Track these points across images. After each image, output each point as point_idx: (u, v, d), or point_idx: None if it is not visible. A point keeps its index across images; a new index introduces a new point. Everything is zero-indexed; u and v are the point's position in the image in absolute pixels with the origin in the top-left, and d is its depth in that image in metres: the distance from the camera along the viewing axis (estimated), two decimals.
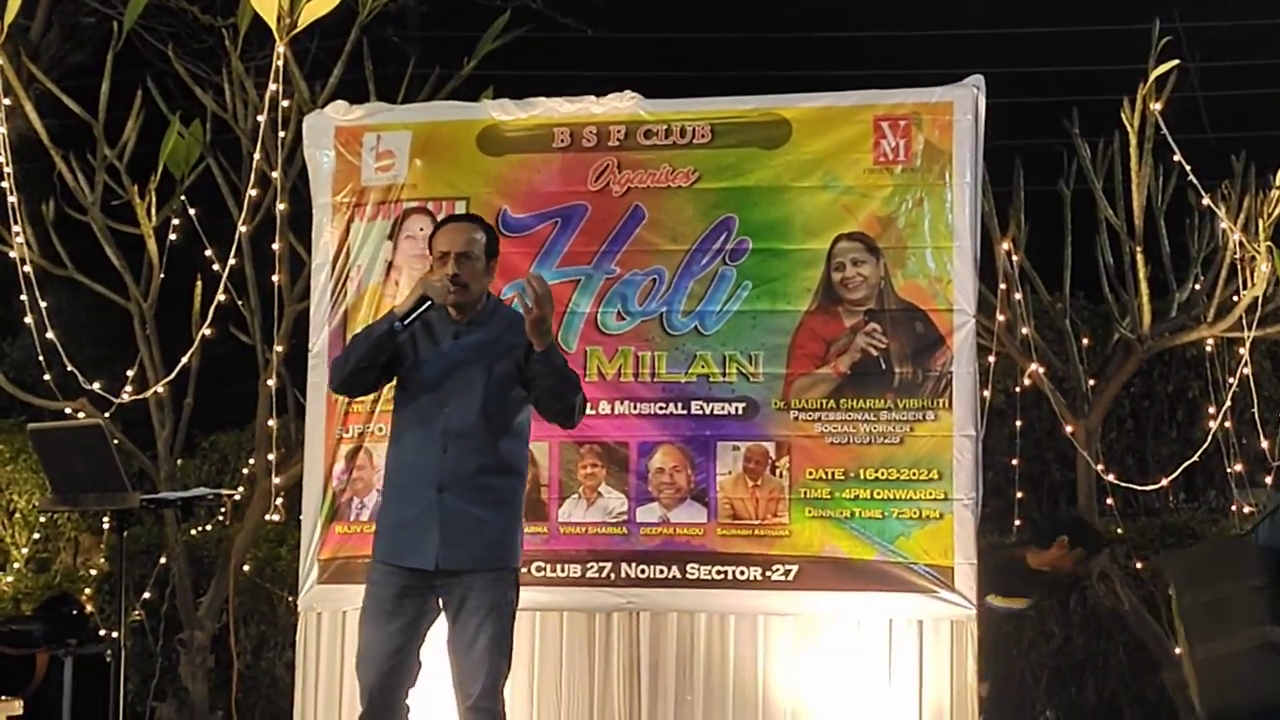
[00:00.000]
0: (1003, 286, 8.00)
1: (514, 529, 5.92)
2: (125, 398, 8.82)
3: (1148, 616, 8.40)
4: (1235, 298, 8.26)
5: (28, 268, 8.76)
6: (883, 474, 7.09)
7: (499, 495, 5.85)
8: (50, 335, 8.75)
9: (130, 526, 7.63)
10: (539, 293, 5.63)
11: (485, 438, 5.80)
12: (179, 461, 9.48)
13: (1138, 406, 10.66)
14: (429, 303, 5.83)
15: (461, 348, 5.88)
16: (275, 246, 8.22)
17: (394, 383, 6.06)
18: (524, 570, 7.01)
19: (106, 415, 8.69)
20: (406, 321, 5.83)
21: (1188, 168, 8.17)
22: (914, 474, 7.06)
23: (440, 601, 5.85)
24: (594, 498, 7.32)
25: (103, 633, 9.28)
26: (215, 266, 8.60)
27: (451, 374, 5.85)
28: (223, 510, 9.90)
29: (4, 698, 8.23)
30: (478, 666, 5.73)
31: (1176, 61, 8.07)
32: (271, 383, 8.44)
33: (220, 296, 8.47)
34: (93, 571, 10.41)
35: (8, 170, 8.51)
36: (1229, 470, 8.63)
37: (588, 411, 7.12)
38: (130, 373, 8.95)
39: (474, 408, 5.78)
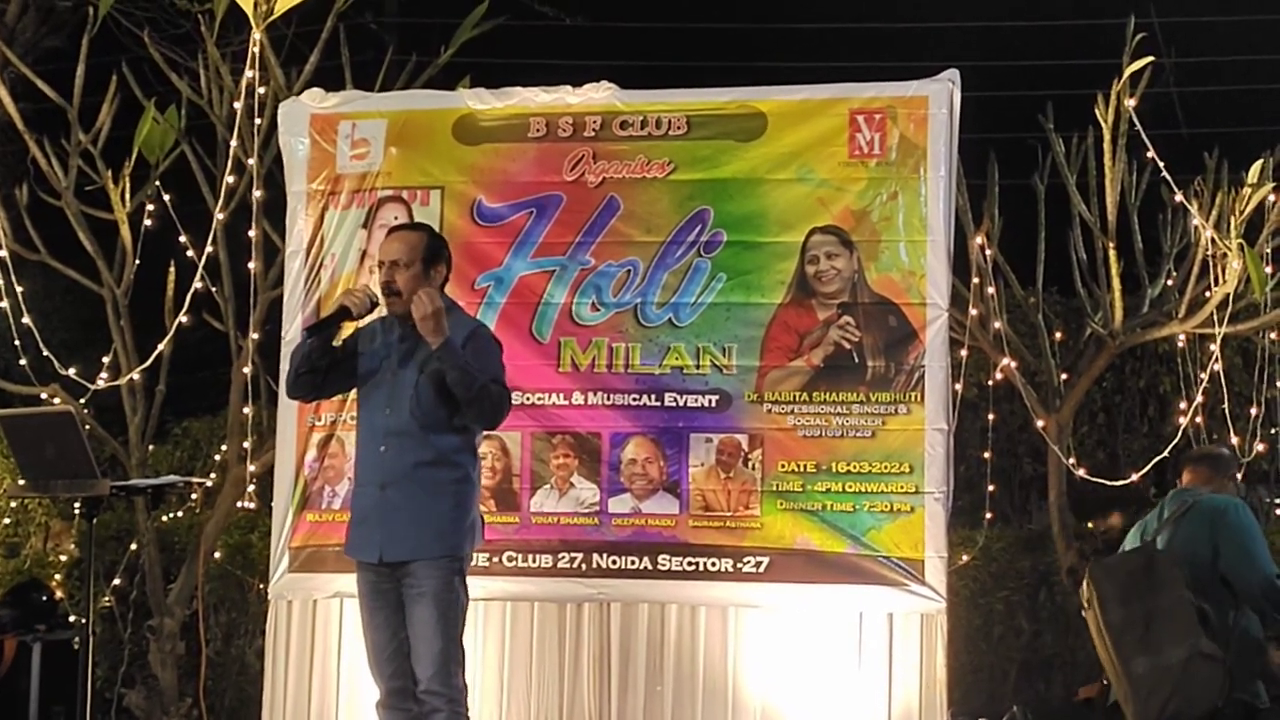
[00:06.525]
0: (976, 280, 8.00)
1: (458, 519, 6.03)
2: (100, 384, 8.79)
3: None
4: (1207, 294, 8.28)
5: (2, 252, 8.73)
6: (854, 467, 7.11)
7: (440, 488, 6.00)
8: (26, 320, 8.73)
9: (100, 513, 7.61)
10: (420, 302, 5.84)
11: (420, 435, 5.98)
12: (150, 447, 9.45)
13: (1109, 401, 10.70)
14: (345, 314, 6.05)
15: (402, 350, 6.07)
16: (250, 234, 8.20)
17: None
18: (495, 560, 7.14)
19: (80, 401, 8.66)
20: (312, 332, 6.09)
21: (1161, 164, 8.18)
22: (886, 467, 7.09)
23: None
24: (566, 488, 7.33)
25: (72, 619, 9.26)
26: (189, 253, 8.57)
27: (392, 375, 6.06)
28: (194, 497, 9.88)
29: None
30: (419, 651, 5.93)
31: (1151, 59, 8.08)
32: (246, 370, 8.41)
33: (196, 284, 8.44)
34: (63, 557, 10.36)
35: None
36: None
37: (560, 401, 7.23)
38: (105, 359, 8.92)
39: (405, 407, 5.98)
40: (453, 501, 6.01)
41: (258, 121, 8.23)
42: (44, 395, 8.87)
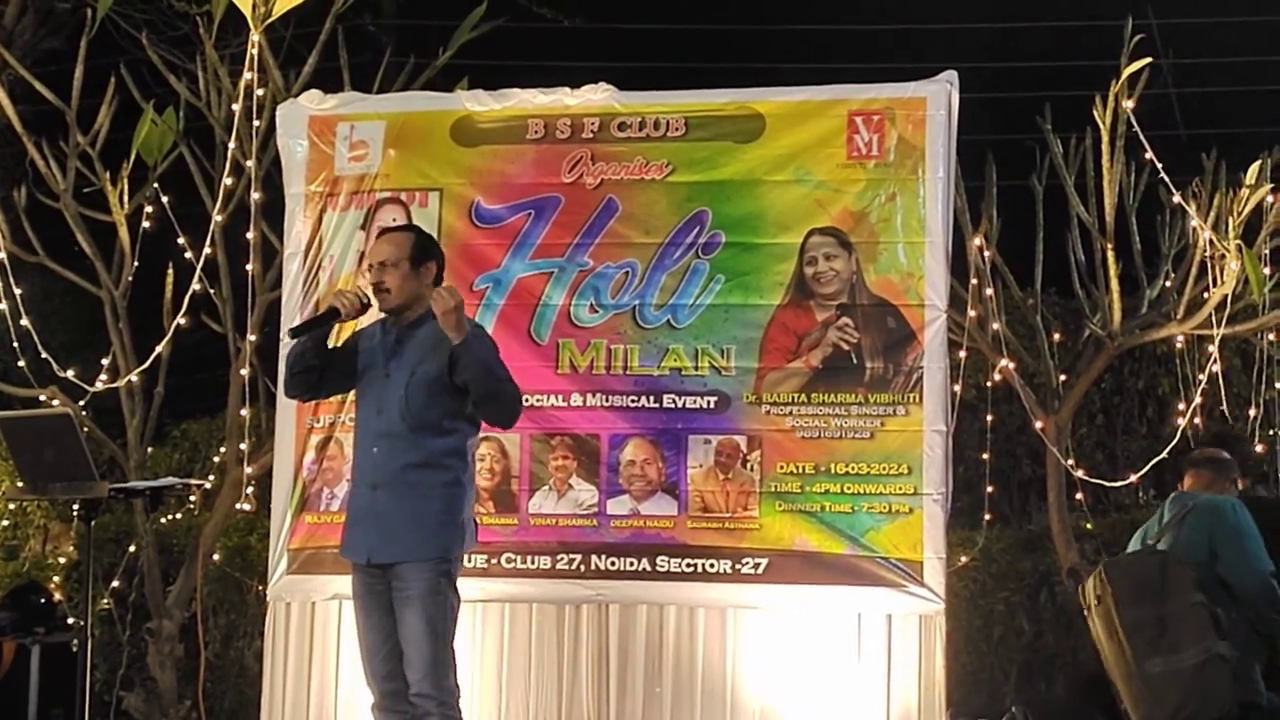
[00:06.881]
0: (974, 282, 8.00)
1: (446, 522, 5.99)
2: (99, 386, 8.79)
3: None
4: (1205, 295, 8.28)
5: (1, 254, 8.72)
6: (853, 468, 7.12)
7: (429, 490, 5.96)
8: (24, 322, 8.73)
9: (99, 515, 7.60)
10: (441, 297, 5.83)
11: (411, 437, 5.96)
12: (149, 450, 9.45)
13: (1108, 402, 10.69)
14: (334, 315, 6.06)
15: (395, 351, 6.07)
16: (249, 235, 8.19)
17: None
18: (494, 561, 7.15)
19: (79, 403, 8.66)
20: (298, 333, 6.12)
21: (1159, 165, 8.18)
22: (884, 469, 7.09)
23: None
24: (565, 490, 7.33)
25: (71, 621, 9.25)
26: (188, 255, 8.57)
27: (384, 377, 6.06)
28: (192, 499, 9.88)
29: None
30: (408, 654, 5.90)
31: (1148, 60, 8.08)
32: (244, 372, 8.41)
33: (195, 286, 8.44)
34: (61, 560, 10.35)
35: None
36: None
37: (559, 403, 7.23)
38: (104, 361, 8.91)
39: (395, 409, 5.97)
40: (441, 504, 5.97)
41: (256, 123, 8.23)
42: (43, 397, 8.88)
